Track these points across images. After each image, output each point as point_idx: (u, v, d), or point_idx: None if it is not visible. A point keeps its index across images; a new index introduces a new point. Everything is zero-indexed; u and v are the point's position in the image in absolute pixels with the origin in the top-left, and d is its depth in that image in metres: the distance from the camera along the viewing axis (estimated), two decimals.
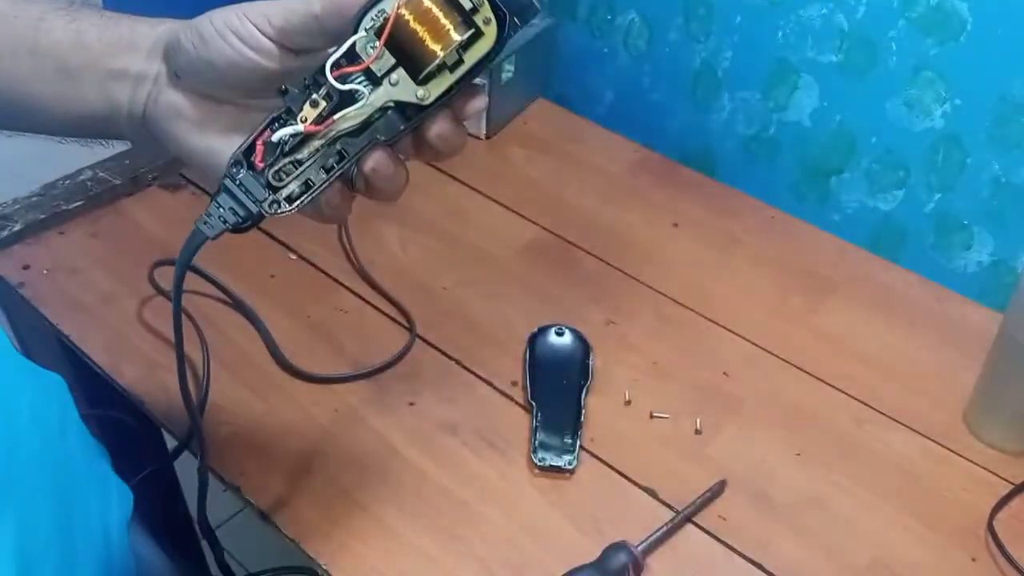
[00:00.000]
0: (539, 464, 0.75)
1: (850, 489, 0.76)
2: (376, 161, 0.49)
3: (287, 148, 0.48)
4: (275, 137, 0.47)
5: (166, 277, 0.87)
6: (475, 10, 0.46)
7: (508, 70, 1.10)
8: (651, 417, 0.80)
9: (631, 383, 0.83)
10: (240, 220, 0.49)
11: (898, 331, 0.90)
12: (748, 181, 1.08)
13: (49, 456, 0.53)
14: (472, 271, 0.93)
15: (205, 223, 0.51)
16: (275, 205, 0.49)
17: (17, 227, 0.91)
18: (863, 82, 0.97)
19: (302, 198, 0.49)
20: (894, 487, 0.76)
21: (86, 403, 0.69)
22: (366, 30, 0.46)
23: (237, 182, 0.49)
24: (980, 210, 0.95)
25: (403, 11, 0.45)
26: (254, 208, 0.49)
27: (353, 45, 0.46)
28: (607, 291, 0.92)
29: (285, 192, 0.49)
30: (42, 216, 0.92)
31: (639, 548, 0.68)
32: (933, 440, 0.80)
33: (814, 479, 0.76)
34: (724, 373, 0.85)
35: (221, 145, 0.51)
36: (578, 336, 0.85)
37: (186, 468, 0.80)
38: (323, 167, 0.49)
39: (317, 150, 0.48)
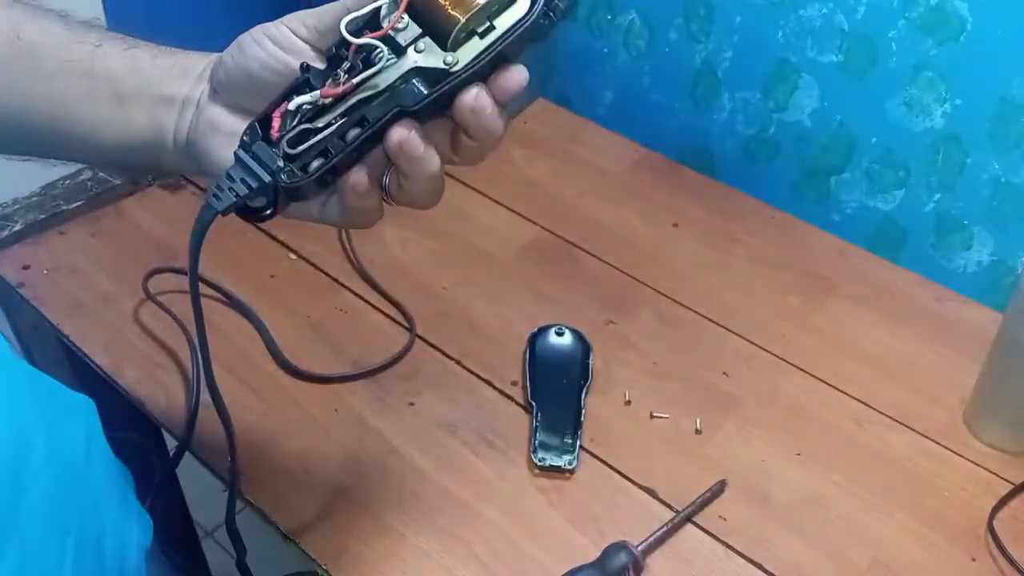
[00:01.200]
0: (539, 464, 0.75)
1: (850, 489, 0.76)
2: (401, 135, 0.46)
3: (304, 117, 0.46)
4: (292, 105, 0.46)
5: (160, 285, 0.87)
6: None
7: None
8: (651, 417, 0.80)
9: (631, 383, 0.83)
10: (252, 191, 0.46)
11: (898, 331, 0.90)
12: (748, 181, 1.08)
13: (69, 488, 0.50)
14: (472, 271, 0.93)
15: (215, 196, 0.48)
16: (291, 174, 0.46)
17: (17, 227, 0.91)
18: (863, 82, 0.97)
19: (321, 167, 0.46)
20: (894, 487, 0.76)
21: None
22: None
23: (251, 153, 0.46)
24: (980, 210, 0.95)
25: None
26: (267, 177, 0.46)
27: (377, 12, 0.45)
28: (607, 291, 0.92)
29: (301, 161, 0.46)
30: (42, 216, 0.92)
31: (639, 548, 0.68)
32: (933, 440, 0.80)
33: (814, 479, 0.76)
34: (724, 373, 0.85)
35: None
36: (578, 336, 0.85)
37: (184, 472, 0.80)
38: (342, 136, 0.46)
39: (336, 118, 0.46)
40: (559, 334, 0.85)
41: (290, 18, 0.49)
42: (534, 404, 0.79)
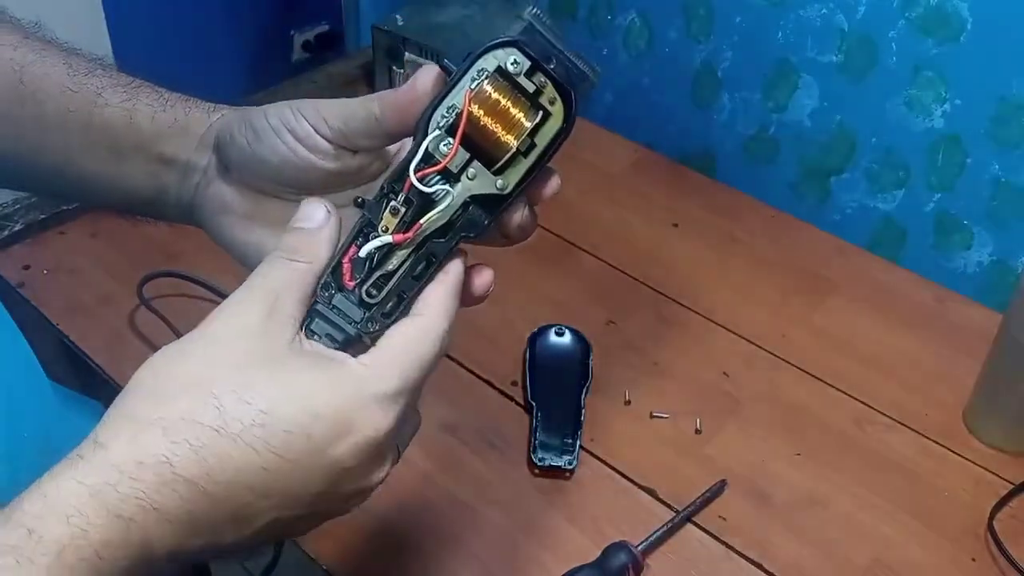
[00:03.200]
0: (539, 464, 0.75)
1: (850, 489, 0.76)
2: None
3: (375, 262, 0.46)
4: (363, 252, 0.45)
5: (153, 290, 0.87)
6: (539, 92, 0.46)
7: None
8: (651, 417, 0.80)
9: (631, 383, 0.83)
10: (338, 346, 0.45)
11: (898, 331, 0.90)
12: (748, 181, 1.08)
13: None
14: None
15: None
16: (373, 322, 0.46)
17: (17, 227, 0.91)
18: (863, 82, 0.97)
19: (398, 311, 0.46)
20: (894, 487, 0.76)
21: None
22: (439, 128, 0.45)
23: (331, 305, 0.45)
24: (980, 210, 0.95)
25: (474, 106, 0.45)
26: (353, 331, 0.45)
27: (427, 146, 0.45)
28: (607, 291, 0.92)
29: (380, 308, 0.46)
30: (42, 216, 0.92)
31: (639, 548, 0.68)
32: (933, 440, 0.80)
33: (814, 479, 0.76)
34: (724, 373, 0.85)
35: (267, 239, 0.49)
36: (578, 336, 0.85)
37: None
38: (413, 275, 0.46)
39: (406, 258, 0.46)
40: (559, 334, 0.85)
41: (309, 111, 0.47)
42: (534, 404, 0.79)
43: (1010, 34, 0.86)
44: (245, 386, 0.39)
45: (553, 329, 0.85)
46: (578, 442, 0.76)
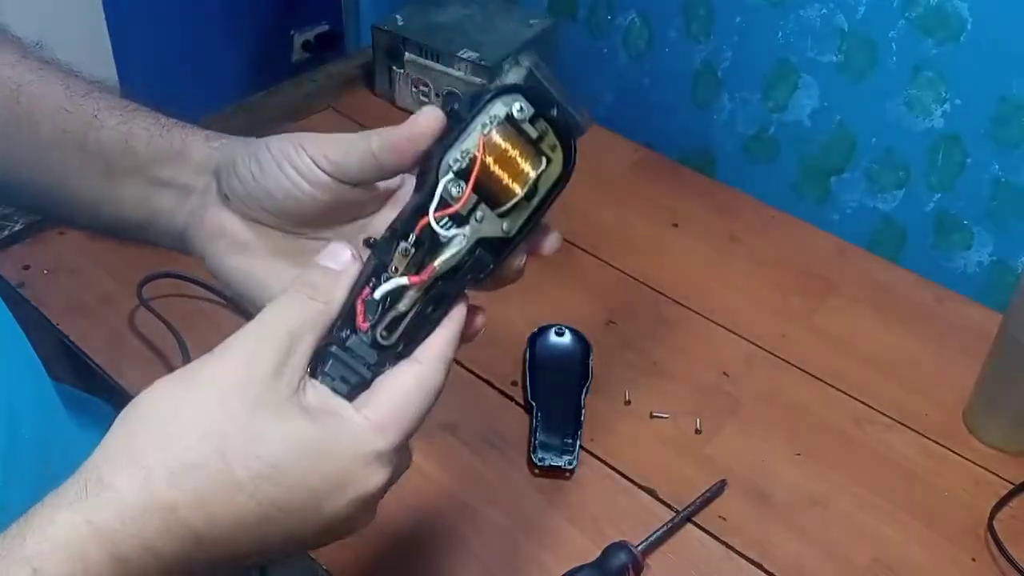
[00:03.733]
0: (539, 464, 0.75)
1: (850, 489, 0.76)
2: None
3: (387, 303, 0.46)
4: (378, 294, 0.45)
5: (152, 290, 0.87)
6: (541, 138, 0.47)
7: (508, 70, 1.10)
8: (651, 417, 0.80)
9: (631, 383, 0.83)
10: (351, 388, 0.45)
11: (898, 331, 0.90)
12: (748, 181, 1.08)
13: None
14: None
15: None
16: (384, 365, 0.46)
17: (17, 227, 0.91)
18: (863, 82, 0.97)
19: (409, 347, 0.46)
20: (894, 487, 0.76)
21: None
22: (453, 172, 0.45)
23: (345, 347, 0.45)
24: (980, 210, 0.95)
25: (486, 157, 0.46)
26: (368, 374, 0.45)
27: (433, 188, 0.45)
28: (607, 291, 0.92)
29: (392, 351, 0.46)
30: (42, 216, 0.92)
31: (639, 548, 0.68)
32: (933, 440, 0.80)
33: (814, 479, 0.76)
34: (724, 373, 0.85)
35: (261, 269, 0.50)
36: (578, 336, 0.85)
37: None
38: (424, 314, 0.47)
39: (416, 299, 0.46)
40: (559, 334, 0.85)
41: (312, 147, 0.48)
42: (534, 404, 0.79)
43: (1010, 34, 0.86)
44: (255, 440, 0.40)
45: (553, 329, 0.85)
46: (578, 442, 0.76)
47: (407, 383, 0.44)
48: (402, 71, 1.12)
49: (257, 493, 0.39)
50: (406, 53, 1.11)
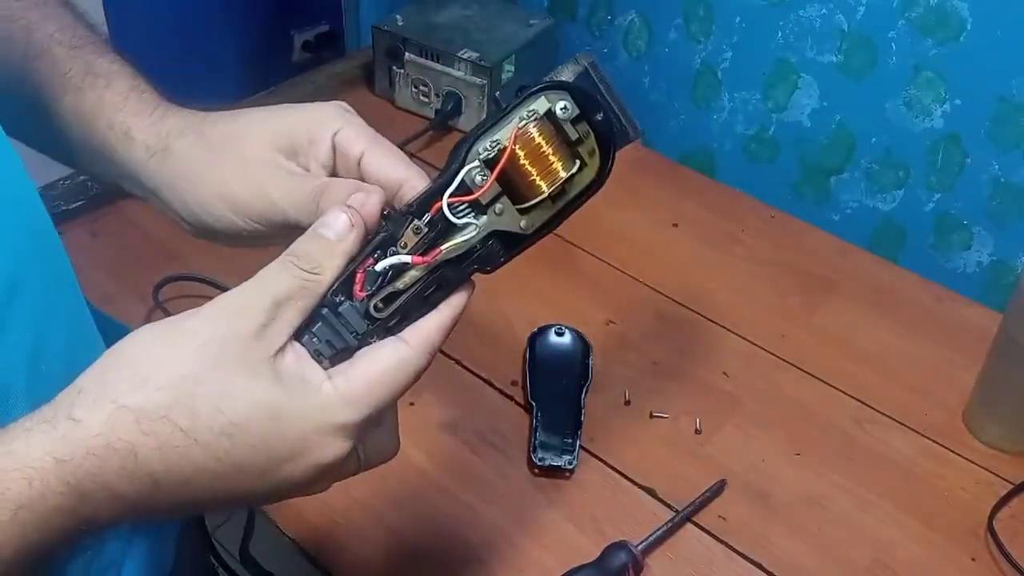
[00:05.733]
0: (539, 464, 0.75)
1: (850, 489, 0.76)
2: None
3: (388, 278, 0.46)
4: (379, 267, 0.45)
5: (168, 292, 0.87)
6: (580, 141, 0.46)
7: (508, 70, 1.10)
8: (651, 417, 0.80)
9: (631, 383, 0.83)
10: (335, 353, 0.45)
11: (898, 331, 0.90)
12: (748, 181, 1.08)
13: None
14: None
15: None
16: (371, 336, 0.46)
17: None
18: (863, 82, 0.97)
19: (401, 324, 0.46)
20: (894, 487, 0.76)
21: None
22: (480, 160, 0.45)
23: (337, 312, 0.45)
24: (980, 210, 0.95)
25: (516, 147, 0.45)
26: (353, 342, 0.45)
27: (464, 174, 0.45)
28: (607, 291, 0.92)
29: (383, 324, 0.46)
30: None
31: (639, 548, 0.68)
32: (933, 440, 0.80)
33: (814, 479, 0.76)
34: (724, 373, 0.85)
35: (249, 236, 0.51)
36: (578, 336, 0.85)
37: None
38: (423, 296, 0.46)
39: (418, 279, 0.46)
40: (559, 334, 0.85)
41: (230, 202, 0.49)
42: (534, 404, 0.79)
43: (1010, 34, 0.86)
44: (223, 395, 0.40)
45: (553, 329, 0.85)
46: (578, 442, 0.76)
47: (387, 361, 0.44)
48: (402, 71, 1.12)
49: (217, 450, 0.40)
50: (406, 53, 1.11)
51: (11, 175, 0.46)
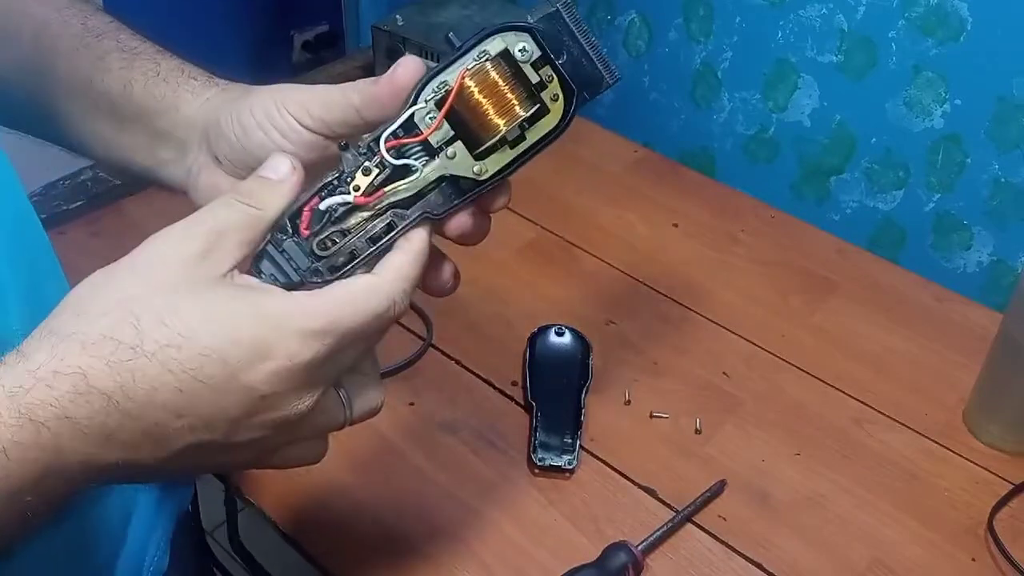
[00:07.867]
0: (539, 464, 0.75)
1: (850, 489, 0.76)
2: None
3: (334, 217, 0.46)
4: (323, 205, 0.45)
5: None
6: (543, 85, 0.45)
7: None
8: (651, 417, 0.80)
9: (631, 383, 0.83)
10: (282, 288, 0.45)
11: (898, 331, 0.90)
12: (748, 181, 1.08)
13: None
14: (472, 271, 0.93)
15: None
16: (317, 274, 0.46)
17: None
18: (863, 82, 0.97)
19: (345, 268, 0.46)
20: (894, 487, 0.76)
21: None
22: (426, 101, 0.44)
23: (280, 248, 0.46)
24: (980, 210, 0.95)
25: (468, 82, 0.44)
26: (296, 277, 0.46)
27: (412, 115, 0.44)
28: (607, 291, 0.92)
29: (328, 262, 0.46)
30: (42, 216, 0.90)
31: (639, 548, 0.68)
32: (933, 440, 0.80)
33: (813, 479, 0.76)
34: (724, 373, 0.85)
35: None
36: (578, 336, 0.85)
37: None
38: (370, 238, 0.46)
39: (365, 220, 0.46)
40: (559, 334, 0.85)
41: (293, 105, 0.48)
42: (534, 404, 0.79)
43: (1010, 34, 0.86)
44: (167, 309, 0.40)
45: (553, 329, 0.85)
46: (578, 442, 0.76)
47: (354, 285, 0.45)
48: None
49: (168, 361, 0.39)
50: (406, 53, 1.11)
51: None
